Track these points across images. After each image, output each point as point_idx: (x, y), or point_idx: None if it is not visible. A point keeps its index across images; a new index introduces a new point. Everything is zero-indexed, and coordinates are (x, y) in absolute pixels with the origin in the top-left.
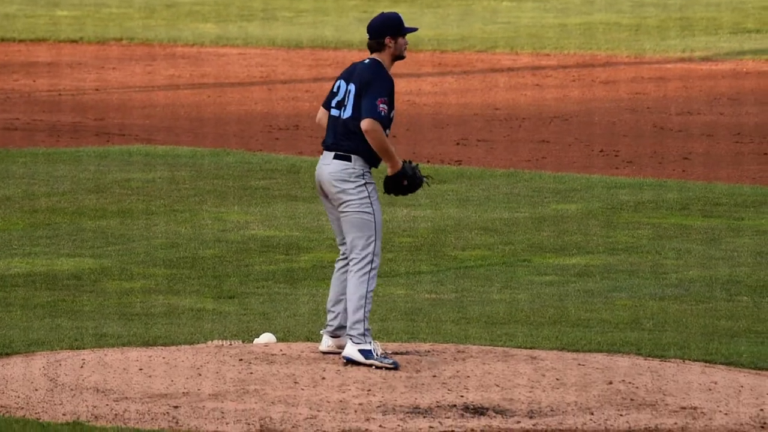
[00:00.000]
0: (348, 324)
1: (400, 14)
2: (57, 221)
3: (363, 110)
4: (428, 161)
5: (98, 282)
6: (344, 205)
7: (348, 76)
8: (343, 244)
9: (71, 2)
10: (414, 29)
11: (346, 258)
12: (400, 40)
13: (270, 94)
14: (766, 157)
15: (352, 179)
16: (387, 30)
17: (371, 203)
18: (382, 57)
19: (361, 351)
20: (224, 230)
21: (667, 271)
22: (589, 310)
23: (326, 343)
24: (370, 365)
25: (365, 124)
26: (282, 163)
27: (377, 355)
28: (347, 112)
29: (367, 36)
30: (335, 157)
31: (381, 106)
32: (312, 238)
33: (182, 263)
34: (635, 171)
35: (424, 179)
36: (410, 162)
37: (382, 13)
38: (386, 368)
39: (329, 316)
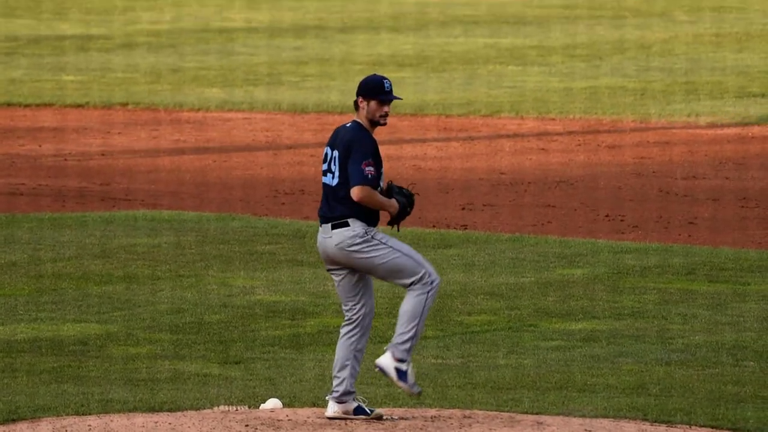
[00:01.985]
0: (396, 336)
1: (385, 79)
2: (62, 287)
3: (351, 178)
4: (434, 226)
5: (104, 347)
6: (369, 266)
7: (332, 141)
8: (348, 309)
9: (77, 67)
10: (392, 98)
11: (351, 323)
12: (372, 103)
13: (275, 158)
14: None
15: (359, 242)
16: (360, 90)
17: (389, 245)
18: (360, 118)
19: (397, 369)
20: (230, 295)
21: (673, 336)
22: (595, 376)
23: (332, 408)
24: (399, 386)
25: (356, 193)
26: (287, 227)
27: (410, 381)
28: (335, 179)
29: None
30: (333, 228)
31: (367, 169)
32: (318, 303)
33: (188, 328)
34: (641, 236)
35: (412, 194)
36: (391, 184)
37: (373, 74)
38: (412, 394)
39: (335, 382)
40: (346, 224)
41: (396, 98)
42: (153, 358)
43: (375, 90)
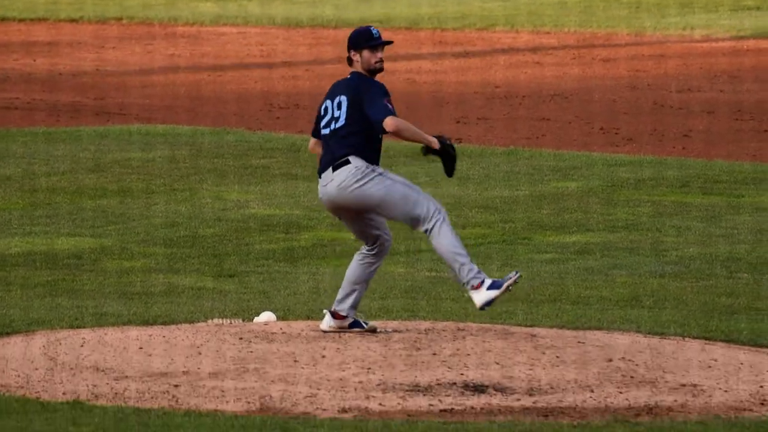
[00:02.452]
0: (456, 276)
1: (370, 27)
2: (56, 201)
3: (378, 113)
4: None
5: (98, 261)
6: (374, 201)
7: (333, 93)
8: (365, 244)
9: None
10: (382, 42)
11: (368, 253)
12: (365, 53)
13: (269, 73)
14: (766, 134)
15: (360, 177)
16: (350, 44)
17: (389, 178)
18: (358, 70)
19: (489, 288)
20: (224, 209)
21: (666, 248)
22: (589, 288)
23: (328, 322)
24: (508, 289)
25: (390, 124)
26: (282, 142)
27: (503, 280)
28: (340, 122)
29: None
30: (335, 169)
31: (389, 105)
32: (312, 216)
33: (182, 242)
34: (635, 149)
35: (454, 145)
36: (440, 137)
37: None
38: (516, 282)
39: (340, 295)
40: (347, 162)
41: (387, 42)
42: (147, 272)
43: (364, 39)
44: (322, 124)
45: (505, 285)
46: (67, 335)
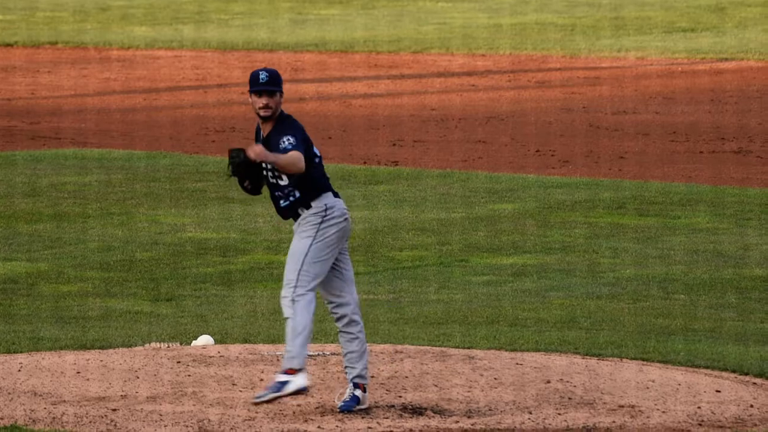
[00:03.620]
0: (285, 358)
1: (259, 72)
2: None
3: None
4: (364, 162)
5: (33, 285)
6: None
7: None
8: (338, 304)
9: (4, 5)
10: (256, 89)
11: (347, 326)
12: (252, 97)
13: (204, 96)
14: (700, 155)
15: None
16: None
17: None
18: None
19: (283, 388)
20: (160, 233)
21: (602, 269)
22: (526, 310)
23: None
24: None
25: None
26: (217, 165)
27: (284, 391)
28: None
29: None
30: None
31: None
32: (248, 239)
33: (118, 266)
34: (570, 170)
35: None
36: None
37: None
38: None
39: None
40: None
41: (268, 89)
42: (83, 296)
43: (251, 83)
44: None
45: (283, 392)
46: (3, 360)
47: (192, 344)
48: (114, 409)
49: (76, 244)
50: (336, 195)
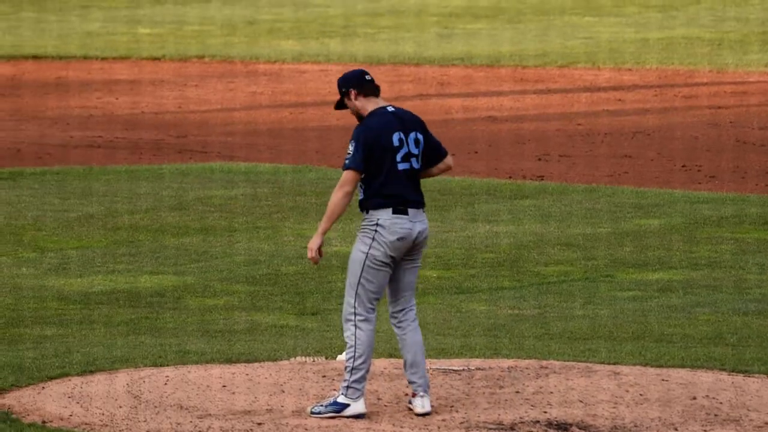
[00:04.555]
0: (346, 375)
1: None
2: (139, 239)
3: (441, 149)
4: (510, 177)
5: (180, 299)
6: (417, 260)
7: (398, 126)
8: (396, 300)
9: (152, 20)
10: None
11: (399, 313)
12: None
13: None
14: None
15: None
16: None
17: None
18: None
19: (344, 409)
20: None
21: (749, 286)
22: (672, 326)
23: (421, 404)
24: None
25: (451, 159)
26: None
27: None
28: (419, 163)
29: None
30: (423, 211)
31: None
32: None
33: (264, 280)
34: (717, 186)
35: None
36: None
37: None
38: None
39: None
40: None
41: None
42: (229, 310)
43: (348, 85)
44: (399, 157)
45: (346, 414)
46: (150, 373)
47: (337, 359)
48: (260, 423)
49: (223, 257)
50: (398, 212)
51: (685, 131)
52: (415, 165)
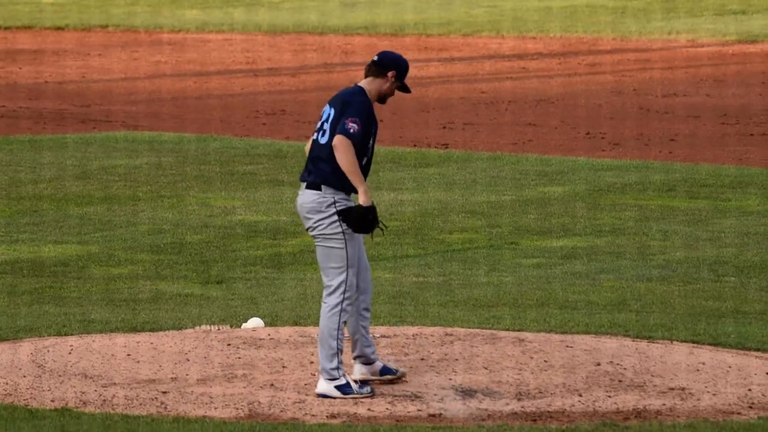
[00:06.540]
0: (320, 360)
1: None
2: (42, 208)
3: (337, 130)
4: (414, 145)
5: (84, 268)
6: (317, 237)
7: (333, 100)
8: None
9: None
10: (408, 90)
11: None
12: (396, 84)
13: (254, 79)
14: (751, 138)
15: (323, 209)
16: (396, 67)
17: (343, 235)
18: (371, 86)
19: (338, 387)
20: (210, 216)
21: (653, 252)
22: (576, 292)
23: (359, 371)
24: (353, 399)
25: (336, 140)
26: (267, 148)
27: (354, 388)
28: (324, 137)
29: (373, 58)
30: (307, 187)
31: (351, 124)
32: (298, 222)
33: (168, 249)
34: (620, 153)
35: (381, 224)
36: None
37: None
38: (366, 397)
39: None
40: (318, 188)
41: (409, 91)
42: (133, 279)
43: (405, 74)
44: (316, 127)
45: (349, 396)
46: (54, 342)
47: (242, 327)
48: (164, 392)
49: (127, 226)
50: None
51: (589, 99)
52: (321, 139)
